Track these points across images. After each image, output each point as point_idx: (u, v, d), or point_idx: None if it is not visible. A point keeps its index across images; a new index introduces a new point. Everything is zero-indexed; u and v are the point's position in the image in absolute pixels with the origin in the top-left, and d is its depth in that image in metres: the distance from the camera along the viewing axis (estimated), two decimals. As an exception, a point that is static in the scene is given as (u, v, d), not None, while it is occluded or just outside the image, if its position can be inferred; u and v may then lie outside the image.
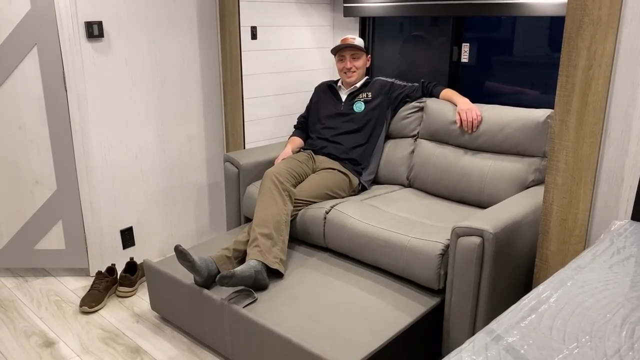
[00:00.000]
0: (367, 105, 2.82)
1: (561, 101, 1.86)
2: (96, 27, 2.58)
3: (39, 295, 2.68)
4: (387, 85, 2.86)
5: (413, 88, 2.86)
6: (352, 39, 2.85)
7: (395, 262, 2.16)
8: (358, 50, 2.83)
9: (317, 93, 3.03)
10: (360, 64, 2.86)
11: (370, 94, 2.84)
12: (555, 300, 1.16)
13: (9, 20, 2.48)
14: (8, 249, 2.81)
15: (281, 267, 2.23)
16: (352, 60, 2.84)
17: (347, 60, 2.83)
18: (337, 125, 2.83)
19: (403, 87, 2.87)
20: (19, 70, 2.56)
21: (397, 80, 2.89)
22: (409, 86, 2.87)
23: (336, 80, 2.98)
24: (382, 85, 2.86)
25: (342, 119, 2.83)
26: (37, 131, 2.64)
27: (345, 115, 2.83)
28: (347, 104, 2.86)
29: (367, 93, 2.85)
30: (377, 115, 2.81)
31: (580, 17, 1.77)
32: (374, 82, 2.88)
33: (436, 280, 2.04)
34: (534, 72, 2.75)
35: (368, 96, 2.84)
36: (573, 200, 1.89)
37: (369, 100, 2.83)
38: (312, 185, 2.58)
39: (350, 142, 2.77)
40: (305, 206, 2.53)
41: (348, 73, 2.85)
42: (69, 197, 2.74)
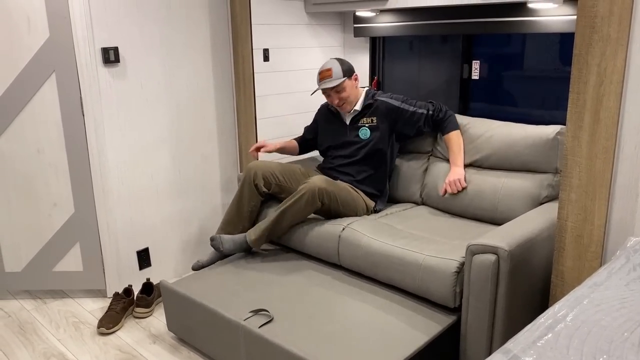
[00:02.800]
0: (373, 132, 2.72)
1: (573, 118, 1.86)
2: (112, 52, 2.64)
3: (58, 317, 2.71)
4: (394, 111, 2.71)
5: (418, 118, 2.70)
6: (327, 74, 2.67)
7: (410, 280, 2.16)
8: (338, 85, 2.67)
9: (320, 114, 2.96)
10: (347, 92, 2.70)
11: (376, 119, 2.72)
12: (571, 319, 1.16)
13: (28, 48, 2.55)
14: (27, 271, 2.85)
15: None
16: (337, 94, 2.69)
17: (333, 97, 2.71)
18: (346, 153, 2.78)
19: (409, 114, 2.71)
20: (38, 96, 2.62)
21: (404, 104, 2.72)
22: (416, 115, 2.70)
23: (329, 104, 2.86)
24: (388, 109, 2.72)
25: (349, 148, 2.77)
26: (55, 155, 2.69)
27: (353, 144, 2.76)
28: (352, 130, 2.77)
29: (372, 118, 2.73)
30: (385, 141, 2.73)
31: (590, 35, 1.78)
32: (379, 106, 2.73)
33: (452, 298, 2.04)
34: (545, 87, 2.76)
35: (373, 121, 2.73)
36: (588, 216, 1.89)
37: (374, 126, 2.73)
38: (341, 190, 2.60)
39: (360, 173, 2.74)
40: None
41: (340, 106, 2.75)
42: (86, 219, 2.78)
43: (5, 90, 2.59)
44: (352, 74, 2.73)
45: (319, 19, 3.28)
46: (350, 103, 2.74)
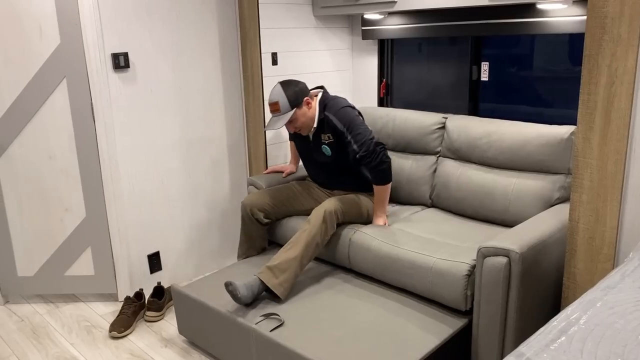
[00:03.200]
0: (332, 148, 2.60)
1: (583, 119, 1.85)
2: (122, 58, 2.66)
3: (70, 321, 2.73)
4: (337, 133, 2.55)
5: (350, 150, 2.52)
6: (275, 109, 2.50)
7: (421, 283, 2.15)
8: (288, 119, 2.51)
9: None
10: (300, 121, 2.54)
11: (330, 135, 2.58)
12: (585, 321, 1.15)
13: (40, 54, 2.58)
14: (39, 275, 2.87)
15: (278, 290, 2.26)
16: (291, 125, 2.55)
17: (288, 127, 2.58)
18: (321, 168, 2.71)
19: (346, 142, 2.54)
20: (49, 102, 2.64)
21: (347, 131, 2.50)
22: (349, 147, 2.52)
23: None
24: (334, 129, 2.54)
25: (321, 163, 2.68)
26: (67, 160, 2.72)
27: (321, 159, 2.66)
28: (316, 147, 2.64)
29: (328, 135, 2.58)
30: (346, 156, 2.60)
31: (600, 35, 1.77)
32: (328, 123, 2.55)
33: (463, 301, 2.03)
34: (555, 87, 2.74)
35: (330, 138, 2.58)
36: (600, 218, 1.87)
37: (332, 142, 2.59)
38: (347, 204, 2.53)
39: (343, 181, 2.70)
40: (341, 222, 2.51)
41: (299, 132, 2.62)
42: (97, 224, 2.80)
43: (17, 97, 2.62)
44: (300, 102, 2.51)
45: (327, 22, 3.28)
46: (307, 127, 2.59)
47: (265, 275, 2.26)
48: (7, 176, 2.73)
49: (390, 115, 2.99)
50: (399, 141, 2.94)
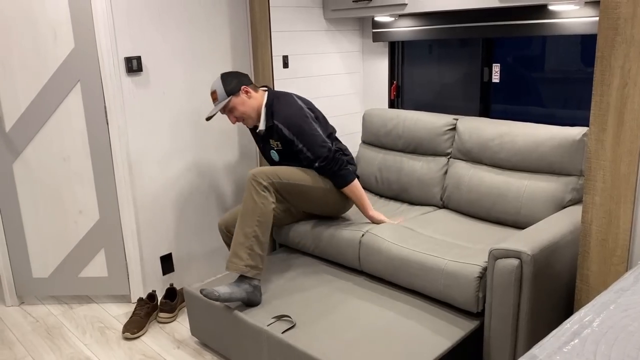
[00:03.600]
0: (281, 155, 2.61)
1: (596, 120, 1.85)
2: (135, 62, 2.69)
3: (84, 322, 2.76)
4: (289, 141, 2.51)
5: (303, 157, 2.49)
6: (214, 97, 2.55)
7: (432, 285, 2.15)
8: (224, 107, 2.54)
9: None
10: (240, 110, 2.54)
11: (279, 143, 2.56)
12: (598, 324, 1.15)
13: (54, 58, 2.61)
14: (54, 277, 2.91)
15: (251, 272, 2.25)
16: (231, 114, 2.57)
17: (229, 118, 2.59)
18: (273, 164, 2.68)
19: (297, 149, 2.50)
20: (63, 106, 2.68)
21: (297, 139, 2.47)
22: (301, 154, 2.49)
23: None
24: (284, 138, 2.51)
25: (274, 161, 2.67)
26: (81, 163, 2.75)
27: (272, 159, 2.67)
28: (265, 148, 2.66)
29: (277, 142, 2.57)
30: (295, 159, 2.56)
31: (613, 37, 1.76)
32: (277, 131, 2.52)
33: (475, 303, 2.03)
34: (567, 88, 2.73)
35: (279, 145, 2.57)
36: (613, 220, 1.86)
37: (280, 149, 2.59)
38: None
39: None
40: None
41: (243, 123, 2.61)
42: (111, 225, 2.83)
43: (32, 101, 2.66)
44: (238, 90, 2.52)
45: (338, 24, 3.29)
46: (250, 118, 2.57)
47: (231, 266, 2.26)
48: (22, 179, 2.77)
49: (401, 116, 2.99)
50: (410, 142, 2.94)
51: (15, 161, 2.74)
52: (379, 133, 3.08)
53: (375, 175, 3.08)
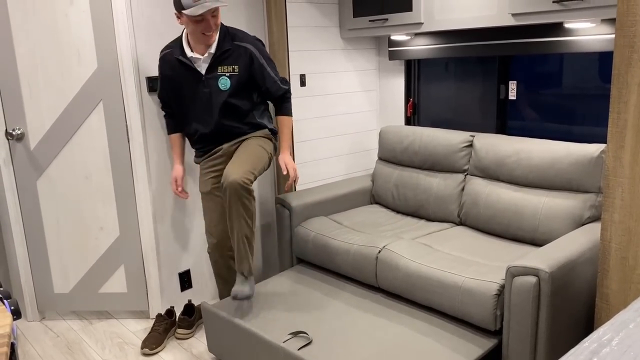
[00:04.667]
0: (232, 80, 2.43)
1: (614, 138, 1.84)
2: (156, 81, 2.75)
3: (103, 338, 2.79)
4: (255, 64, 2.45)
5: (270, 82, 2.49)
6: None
7: (449, 302, 2.15)
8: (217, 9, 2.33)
9: (166, 67, 2.51)
10: (219, 20, 2.37)
11: (238, 67, 2.41)
12: (617, 343, 1.14)
13: (78, 79, 2.68)
14: (74, 292, 2.95)
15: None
16: (214, 19, 2.33)
17: (209, 22, 2.30)
18: (205, 110, 2.49)
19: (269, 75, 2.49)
20: (86, 124, 2.74)
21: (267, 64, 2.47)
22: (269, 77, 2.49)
23: (180, 49, 2.44)
24: (249, 60, 2.43)
25: (207, 104, 2.47)
26: (102, 180, 2.80)
27: (210, 96, 2.46)
28: (208, 80, 2.44)
29: (234, 67, 2.40)
30: (248, 88, 2.49)
31: (629, 54, 1.76)
32: (241, 52, 2.41)
33: (492, 321, 2.02)
34: (584, 105, 2.72)
35: (234, 70, 2.40)
36: (632, 237, 1.85)
37: (235, 74, 2.42)
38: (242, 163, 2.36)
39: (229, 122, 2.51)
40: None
41: (207, 35, 2.34)
42: (130, 242, 2.87)
43: (56, 119, 2.73)
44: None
45: (354, 43, 3.34)
46: (212, 40, 2.40)
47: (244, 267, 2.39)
48: (45, 195, 2.83)
49: (417, 133, 3.01)
50: (426, 159, 2.95)
51: (39, 178, 2.81)
52: (395, 150, 3.10)
53: (392, 191, 3.09)
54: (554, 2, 2.26)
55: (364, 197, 3.22)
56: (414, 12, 2.79)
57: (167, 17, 2.76)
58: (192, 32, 2.34)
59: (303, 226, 2.84)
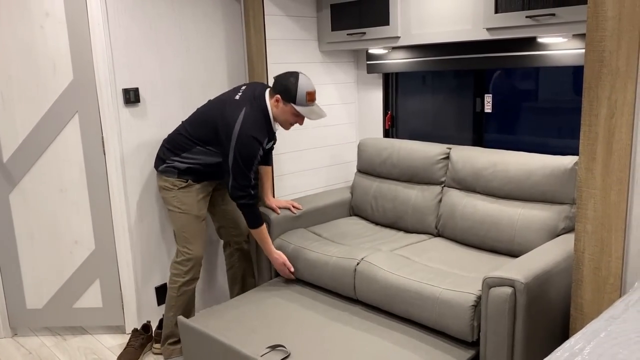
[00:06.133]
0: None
1: (586, 150, 1.88)
2: (133, 93, 2.74)
3: (77, 354, 2.73)
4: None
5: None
6: (315, 97, 2.62)
7: (427, 314, 2.15)
8: None
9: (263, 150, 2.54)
10: None
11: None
12: (588, 352, 1.15)
13: (53, 90, 2.65)
14: (48, 308, 2.89)
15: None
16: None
17: (302, 120, 2.59)
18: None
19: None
20: (61, 137, 2.71)
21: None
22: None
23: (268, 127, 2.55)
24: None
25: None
26: (78, 194, 2.76)
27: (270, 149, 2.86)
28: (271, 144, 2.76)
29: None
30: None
31: (599, 69, 1.81)
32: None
33: (469, 332, 2.02)
34: (558, 117, 2.77)
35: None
36: (605, 248, 1.88)
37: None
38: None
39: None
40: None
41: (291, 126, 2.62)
42: (106, 256, 2.83)
43: (30, 131, 2.69)
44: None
45: (333, 57, 3.36)
46: None
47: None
48: (18, 209, 2.78)
49: (395, 146, 3.03)
50: (405, 171, 2.97)
51: (12, 191, 2.76)
52: (373, 162, 3.11)
53: (371, 203, 3.09)
54: (527, 17, 2.31)
55: (343, 209, 3.23)
56: (391, 26, 2.82)
57: (145, 28, 2.75)
58: (285, 119, 2.54)
59: (282, 238, 2.83)
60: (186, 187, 2.59)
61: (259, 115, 2.49)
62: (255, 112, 2.48)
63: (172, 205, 2.59)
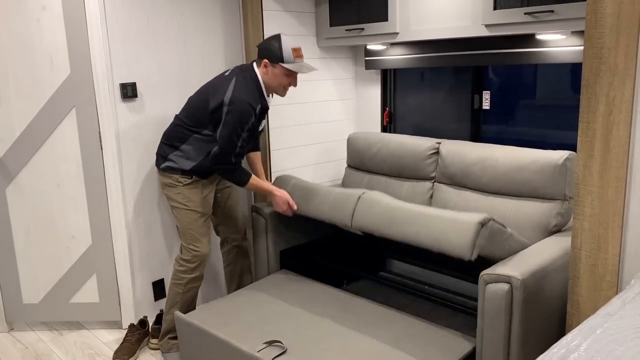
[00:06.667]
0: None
1: (583, 147, 1.88)
2: (130, 88, 2.73)
3: (74, 349, 2.72)
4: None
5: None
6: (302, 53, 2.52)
7: (427, 232, 2.09)
8: None
9: (256, 117, 2.50)
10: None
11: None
12: (585, 348, 1.15)
13: (50, 85, 2.64)
14: (44, 303, 2.88)
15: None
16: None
17: (296, 75, 2.53)
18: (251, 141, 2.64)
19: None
20: (58, 131, 2.70)
21: None
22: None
23: (262, 97, 2.51)
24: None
25: (254, 136, 2.66)
26: (74, 188, 2.76)
27: (261, 131, 2.70)
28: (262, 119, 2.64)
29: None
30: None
31: (597, 65, 1.80)
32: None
33: (470, 248, 1.97)
34: (557, 114, 2.77)
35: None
36: (602, 245, 1.88)
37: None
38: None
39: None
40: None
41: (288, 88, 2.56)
42: (103, 251, 2.82)
43: (27, 126, 2.68)
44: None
45: (331, 52, 3.35)
46: None
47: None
48: (15, 204, 2.77)
49: (385, 140, 3.00)
50: (395, 166, 2.95)
51: (8, 186, 2.75)
52: (364, 157, 3.09)
53: (367, 200, 3.08)
54: (526, 14, 2.30)
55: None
56: (389, 22, 2.81)
57: (143, 23, 2.74)
58: (278, 83, 2.49)
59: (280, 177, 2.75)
60: (192, 184, 2.56)
61: (250, 83, 2.47)
62: (246, 80, 2.46)
63: (177, 202, 2.56)
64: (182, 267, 2.58)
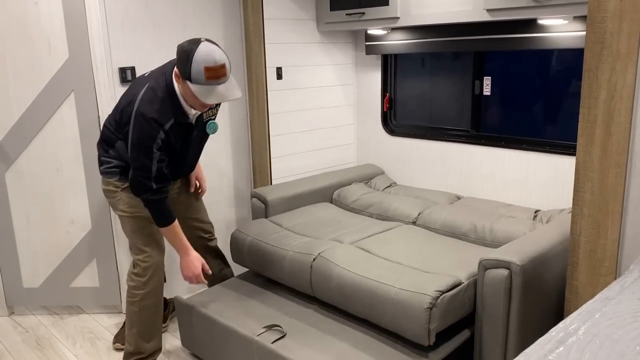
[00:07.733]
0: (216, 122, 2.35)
1: (584, 133, 1.87)
2: (129, 72, 2.71)
3: (74, 333, 2.74)
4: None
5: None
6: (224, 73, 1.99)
7: (382, 315, 2.00)
8: None
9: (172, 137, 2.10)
10: None
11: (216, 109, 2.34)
12: (583, 332, 1.16)
13: (49, 68, 2.62)
14: (45, 287, 2.89)
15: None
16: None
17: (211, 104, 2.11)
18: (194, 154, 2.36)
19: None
20: (57, 115, 2.69)
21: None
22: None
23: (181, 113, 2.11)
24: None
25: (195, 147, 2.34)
26: (73, 173, 2.75)
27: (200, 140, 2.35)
28: (197, 128, 2.24)
29: (213, 110, 2.31)
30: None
31: (600, 50, 1.79)
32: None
33: (425, 335, 1.88)
34: (558, 100, 2.76)
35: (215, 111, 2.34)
36: (601, 231, 1.88)
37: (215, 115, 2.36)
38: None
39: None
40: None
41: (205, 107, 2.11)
42: (103, 236, 2.83)
43: (25, 110, 2.67)
44: None
45: (331, 37, 3.33)
46: None
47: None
48: (14, 188, 2.76)
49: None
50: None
51: (7, 170, 2.74)
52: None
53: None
54: (528, -2, 2.28)
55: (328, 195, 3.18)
56: (390, 7, 2.79)
57: (141, 6, 2.72)
58: (192, 102, 2.07)
59: (239, 230, 2.64)
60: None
61: (161, 93, 2.05)
62: (157, 89, 2.06)
63: (119, 209, 2.25)
64: (133, 282, 2.28)
